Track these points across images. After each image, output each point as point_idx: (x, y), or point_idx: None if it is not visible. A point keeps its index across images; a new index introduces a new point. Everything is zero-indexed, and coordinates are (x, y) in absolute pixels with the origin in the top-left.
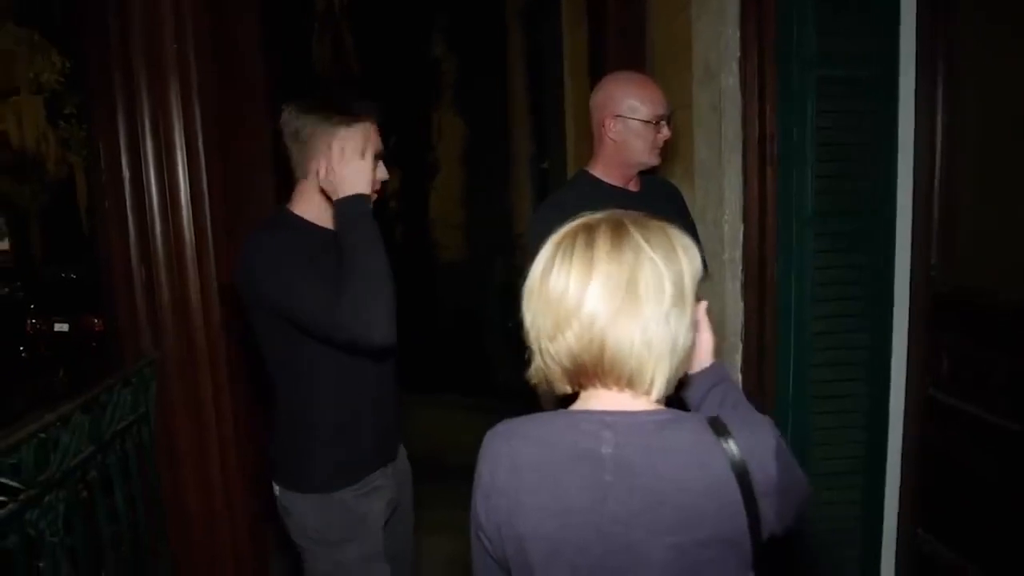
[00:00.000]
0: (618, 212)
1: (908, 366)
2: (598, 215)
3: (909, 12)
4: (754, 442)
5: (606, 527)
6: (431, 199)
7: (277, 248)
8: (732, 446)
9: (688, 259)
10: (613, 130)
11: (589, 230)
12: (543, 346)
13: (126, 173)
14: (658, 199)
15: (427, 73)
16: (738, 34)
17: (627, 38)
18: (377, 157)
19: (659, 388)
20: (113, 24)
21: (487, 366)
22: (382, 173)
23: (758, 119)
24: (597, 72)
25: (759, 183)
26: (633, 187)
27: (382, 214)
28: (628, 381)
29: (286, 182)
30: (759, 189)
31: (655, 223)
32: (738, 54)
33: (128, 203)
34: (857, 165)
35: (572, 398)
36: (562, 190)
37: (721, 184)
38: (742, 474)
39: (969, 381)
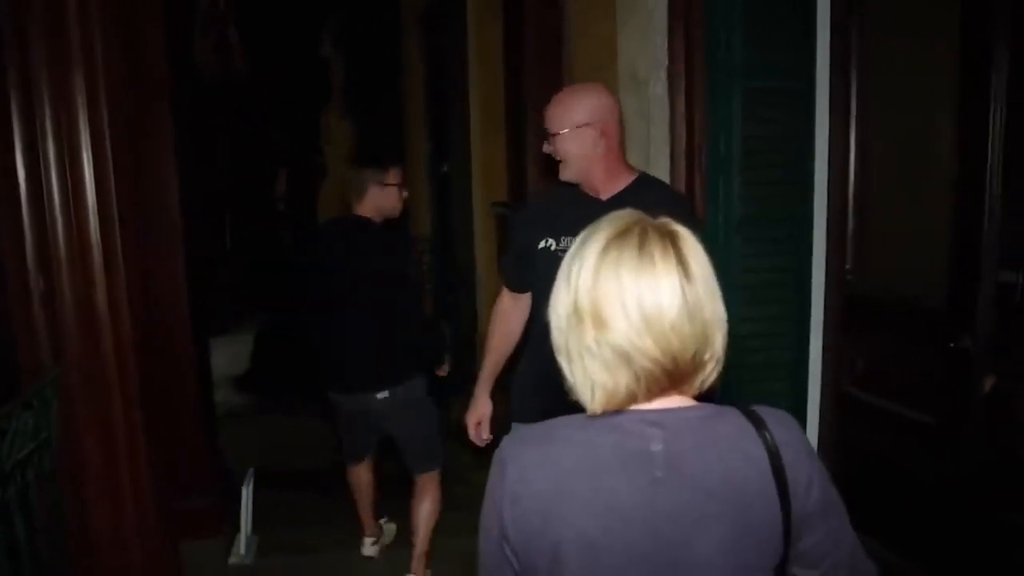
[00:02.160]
0: (647, 217)
1: (824, 365)
2: (629, 219)
3: (824, 27)
4: (786, 435)
5: (656, 523)
6: (320, 202)
7: None
8: (768, 437)
9: (711, 267)
10: (596, 136)
11: (640, 234)
12: (601, 361)
13: (22, 173)
14: (640, 207)
15: (316, 74)
16: (666, 43)
17: (546, 43)
18: None
19: (699, 387)
20: (6, 6)
21: None
22: None
23: (686, 128)
24: (512, 76)
25: (687, 190)
26: (602, 196)
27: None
28: (702, 385)
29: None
30: (687, 195)
31: (679, 229)
32: (666, 63)
33: (25, 207)
34: (780, 172)
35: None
36: (540, 194)
37: None
38: (778, 466)
39: (883, 378)
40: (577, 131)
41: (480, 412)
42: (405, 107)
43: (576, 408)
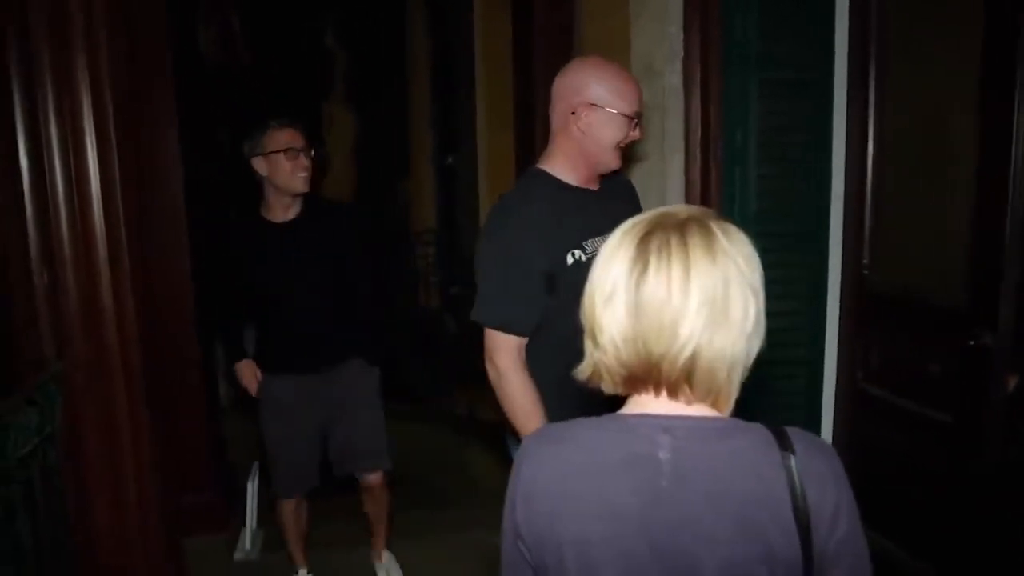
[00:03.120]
0: (694, 208)
1: (839, 361)
2: (678, 209)
3: (843, 18)
4: (816, 463)
5: (657, 533)
6: (322, 191)
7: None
8: (793, 463)
9: (758, 262)
10: (583, 120)
11: (679, 229)
12: (613, 350)
13: (24, 162)
14: (617, 198)
15: (319, 64)
16: (681, 34)
17: (556, 34)
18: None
19: (733, 399)
20: None
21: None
22: None
23: (702, 119)
24: (522, 69)
25: (703, 182)
26: (593, 186)
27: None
28: (712, 397)
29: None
30: (703, 188)
31: (728, 225)
32: (681, 54)
33: (28, 196)
34: (797, 167)
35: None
36: (517, 196)
37: (664, 183)
38: (799, 495)
39: (900, 375)
40: None
41: None
42: (410, 98)
43: (590, 413)
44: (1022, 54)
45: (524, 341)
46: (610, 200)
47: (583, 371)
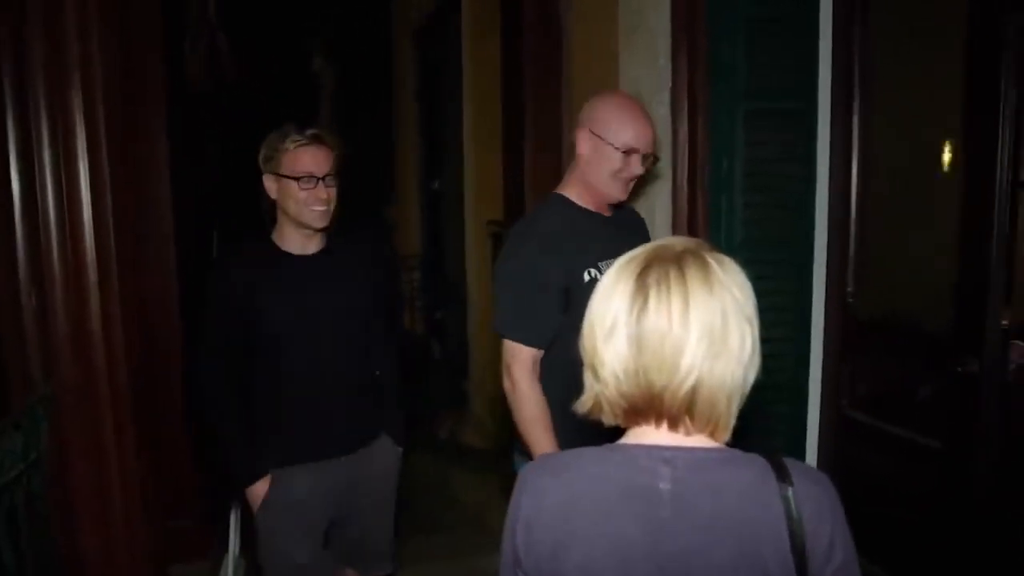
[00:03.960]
0: (689, 241)
1: (823, 387)
2: (673, 242)
3: (827, 50)
4: (813, 494)
5: (661, 563)
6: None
7: None
8: (791, 494)
9: (751, 293)
10: (585, 145)
11: (676, 262)
12: (615, 383)
13: (16, 185)
14: (627, 226)
15: (305, 86)
16: (670, 65)
17: (544, 60)
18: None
19: (731, 427)
20: (3, 16)
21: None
22: None
23: (689, 149)
24: (510, 94)
25: (689, 210)
26: (606, 212)
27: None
28: (712, 427)
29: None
30: (689, 216)
31: (722, 256)
32: (670, 84)
33: (18, 218)
34: (782, 195)
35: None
36: (537, 217)
37: (652, 210)
38: (796, 526)
39: (885, 402)
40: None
41: None
42: (396, 122)
43: (591, 438)
44: (1006, 82)
45: (539, 354)
46: (621, 228)
47: (584, 404)
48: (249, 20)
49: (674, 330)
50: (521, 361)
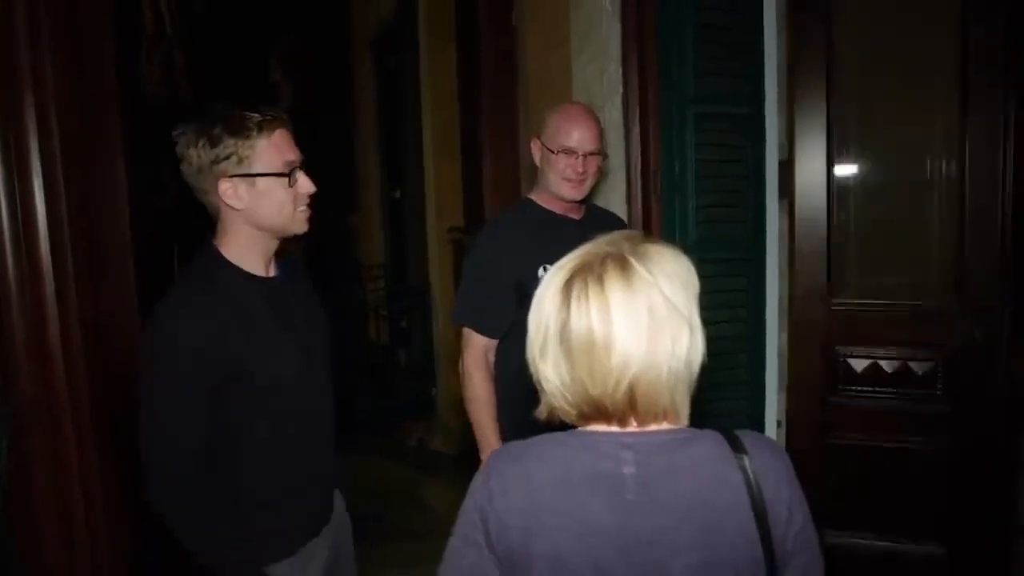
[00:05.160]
0: (618, 237)
1: (780, 384)
2: (602, 243)
3: (772, 56)
4: (769, 461)
5: (629, 547)
6: None
7: None
8: (747, 463)
9: (690, 276)
10: (536, 153)
11: (597, 270)
12: (560, 396)
13: None
14: (600, 229)
15: (264, 97)
16: (620, 71)
17: (500, 68)
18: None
19: (686, 413)
20: None
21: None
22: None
23: (641, 152)
24: (467, 102)
25: (643, 213)
26: (575, 215)
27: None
28: (660, 418)
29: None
30: (644, 219)
31: (650, 247)
32: (621, 89)
33: None
34: (733, 196)
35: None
36: (502, 215)
37: None
38: (756, 494)
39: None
40: (601, 153)
41: None
42: (356, 131)
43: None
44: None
45: (491, 343)
46: (593, 231)
47: (541, 413)
48: (206, 32)
49: (597, 339)
50: (472, 347)
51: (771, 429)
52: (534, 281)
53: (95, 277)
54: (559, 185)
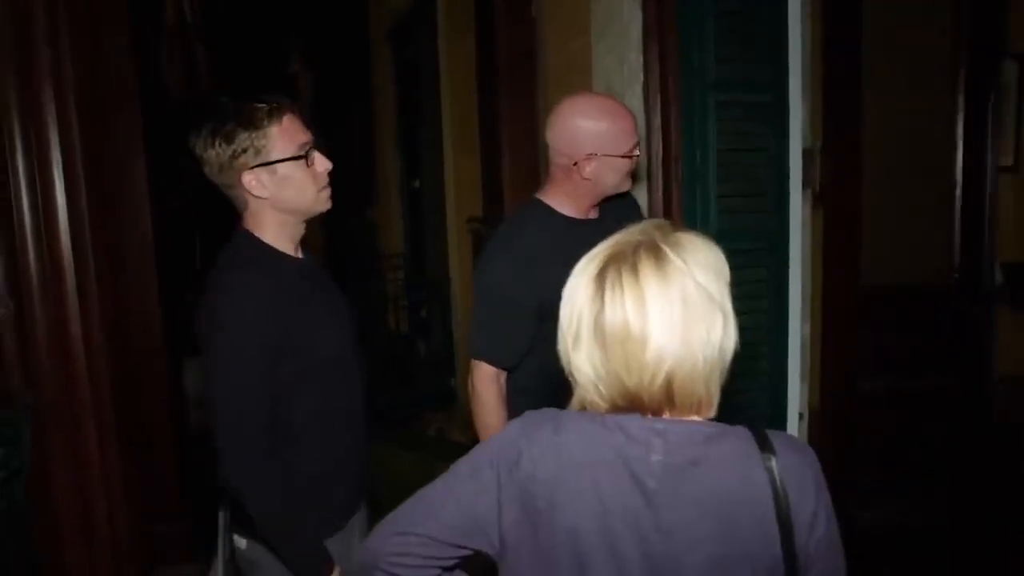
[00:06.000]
0: (649, 226)
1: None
2: (634, 232)
3: (796, 43)
4: (796, 465)
5: (646, 533)
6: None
7: None
8: (774, 464)
9: (722, 264)
10: (587, 170)
11: (631, 258)
12: (594, 389)
13: None
14: (618, 220)
15: (283, 90)
16: (641, 59)
17: (519, 58)
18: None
19: (716, 403)
20: None
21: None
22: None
23: (662, 140)
24: (486, 93)
25: (664, 202)
26: (594, 214)
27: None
28: (695, 409)
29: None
30: (664, 208)
31: (682, 236)
32: (641, 77)
33: None
34: (755, 185)
35: None
36: (517, 228)
37: None
38: (780, 496)
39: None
40: None
41: None
42: (375, 122)
43: None
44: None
45: (503, 372)
46: (612, 224)
47: (574, 406)
48: (226, 26)
49: (633, 330)
50: (485, 376)
51: (793, 421)
52: (560, 297)
53: (116, 273)
54: (622, 183)
